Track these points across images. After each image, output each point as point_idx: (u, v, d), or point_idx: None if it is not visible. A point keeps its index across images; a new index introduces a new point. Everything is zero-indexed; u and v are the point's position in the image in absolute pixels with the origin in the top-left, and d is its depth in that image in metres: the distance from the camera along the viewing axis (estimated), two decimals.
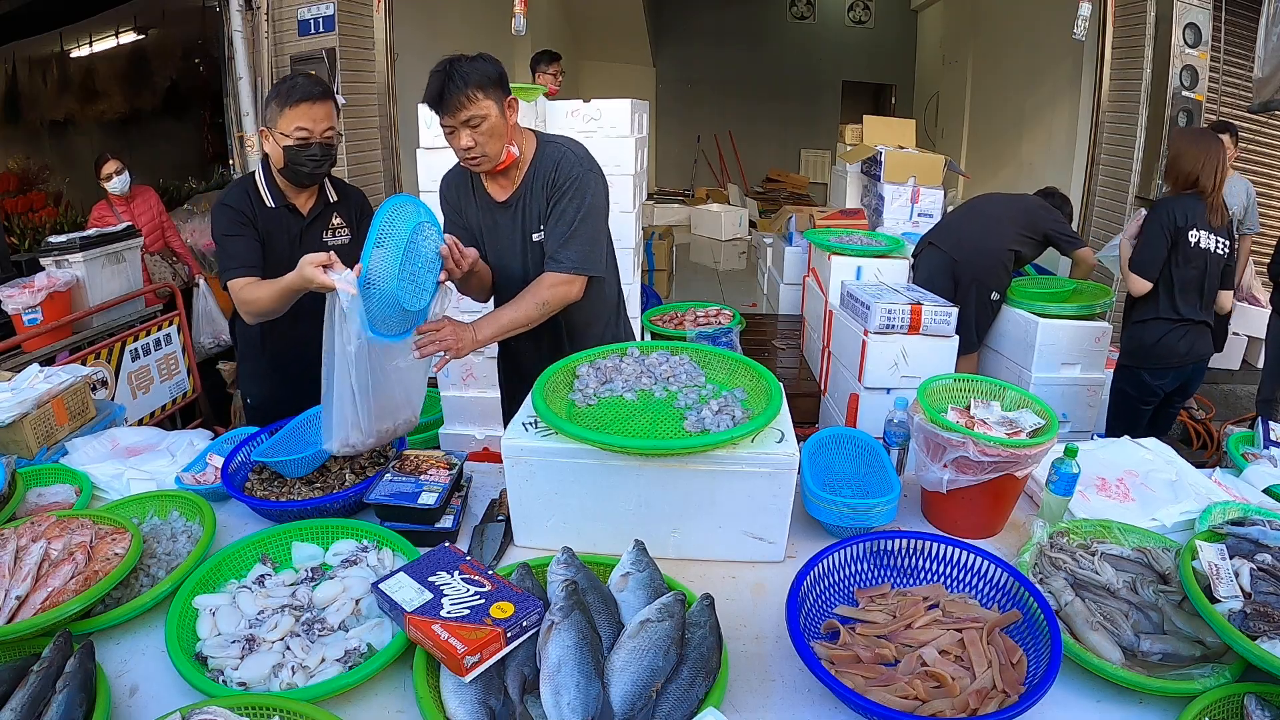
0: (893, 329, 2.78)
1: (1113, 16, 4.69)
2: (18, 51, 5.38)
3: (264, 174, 1.87)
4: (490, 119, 1.58)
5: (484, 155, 1.62)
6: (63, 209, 5.37)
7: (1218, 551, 1.18)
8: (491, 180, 1.75)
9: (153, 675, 1.12)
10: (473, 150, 1.60)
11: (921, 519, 1.54)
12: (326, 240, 1.92)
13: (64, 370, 1.97)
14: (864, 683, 1.03)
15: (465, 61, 1.57)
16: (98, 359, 3.16)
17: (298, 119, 1.74)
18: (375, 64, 4.70)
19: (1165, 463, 1.68)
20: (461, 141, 1.59)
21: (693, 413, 1.41)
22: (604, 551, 1.28)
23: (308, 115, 1.75)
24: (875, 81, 11.12)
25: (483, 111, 1.57)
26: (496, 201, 1.76)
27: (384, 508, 1.43)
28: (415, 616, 1.06)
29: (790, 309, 4.89)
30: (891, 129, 5.14)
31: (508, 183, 1.75)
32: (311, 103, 1.75)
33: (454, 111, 1.56)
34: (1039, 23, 6.30)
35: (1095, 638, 1.13)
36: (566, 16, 9.24)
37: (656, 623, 1.04)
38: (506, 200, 1.75)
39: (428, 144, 3.10)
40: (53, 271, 3.27)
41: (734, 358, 1.62)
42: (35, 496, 1.56)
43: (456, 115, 1.56)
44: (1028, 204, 3.38)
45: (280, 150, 1.78)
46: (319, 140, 1.78)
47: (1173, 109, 4.40)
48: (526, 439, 1.36)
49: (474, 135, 1.58)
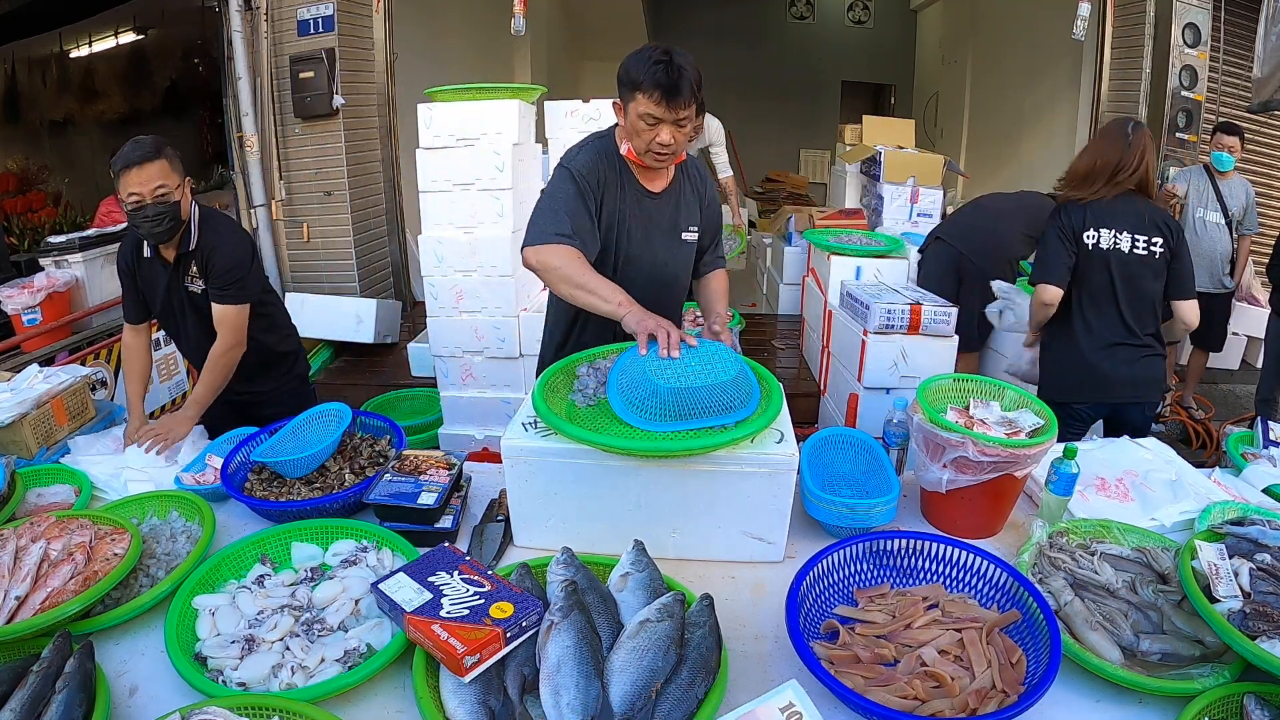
0: (892, 329, 2.78)
1: (1112, 16, 4.69)
2: (18, 51, 5.38)
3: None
4: (694, 123, 1.61)
5: (674, 154, 1.63)
6: (62, 209, 5.37)
7: (1217, 551, 1.18)
8: (644, 172, 1.73)
9: (152, 675, 1.12)
10: (670, 147, 1.60)
11: (921, 519, 1.54)
12: (187, 285, 2.02)
13: (63, 370, 1.97)
14: (863, 683, 1.04)
15: (688, 61, 1.53)
16: (97, 359, 3.16)
17: (129, 185, 1.81)
18: (375, 64, 4.70)
19: (1165, 463, 1.68)
20: (663, 136, 1.57)
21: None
22: (604, 551, 1.28)
23: (136, 180, 1.80)
24: (875, 81, 11.10)
25: (691, 114, 1.58)
26: (652, 192, 1.75)
27: (383, 508, 1.43)
28: (415, 616, 1.06)
29: (790, 309, 4.88)
30: (891, 129, 5.14)
31: (662, 177, 1.76)
32: (137, 167, 1.80)
33: (677, 108, 1.54)
34: (1038, 22, 6.30)
35: (1095, 638, 1.13)
36: (566, 16, 9.23)
37: (656, 623, 1.04)
38: (661, 192, 1.76)
39: (427, 144, 3.10)
40: (52, 272, 3.27)
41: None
42: (35, 497, 1.56)
43: (677, 111, 1.55)
44: (1036, 202, 3.37)
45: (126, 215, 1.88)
46: (151, 201, 1.82)
47: (1172, 109, 4.40)
48: (526, 439, 1.36)
49: (676, 134, 1.58)
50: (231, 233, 2.03)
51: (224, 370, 2.00)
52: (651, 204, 1.75)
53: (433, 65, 5.72)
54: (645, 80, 1.51)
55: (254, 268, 2.07)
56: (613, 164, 1.70)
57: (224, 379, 2.00)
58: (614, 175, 1.70)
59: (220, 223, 2.03)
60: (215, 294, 1.98)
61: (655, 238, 1.77)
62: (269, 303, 2.22)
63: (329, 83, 4.25)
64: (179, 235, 1.94)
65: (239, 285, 1.99)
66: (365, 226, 4.76)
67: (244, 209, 4.43)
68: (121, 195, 1.83)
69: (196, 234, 1.97)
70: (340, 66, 4.32)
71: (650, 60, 1.52)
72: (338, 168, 4.49)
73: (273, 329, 2.24)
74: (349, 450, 1.68)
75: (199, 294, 2.01)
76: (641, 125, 1.57)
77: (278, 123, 4.45)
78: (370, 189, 4.81)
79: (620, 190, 1.71)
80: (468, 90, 3.11)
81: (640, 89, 1.53)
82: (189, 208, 1.93)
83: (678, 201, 1.79)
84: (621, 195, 1.71)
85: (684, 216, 1.80)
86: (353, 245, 4.62)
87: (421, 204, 3.17)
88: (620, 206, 1.71)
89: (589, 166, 1.66)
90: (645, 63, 1.52)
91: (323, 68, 4.24)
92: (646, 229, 1.75)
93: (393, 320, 4.45)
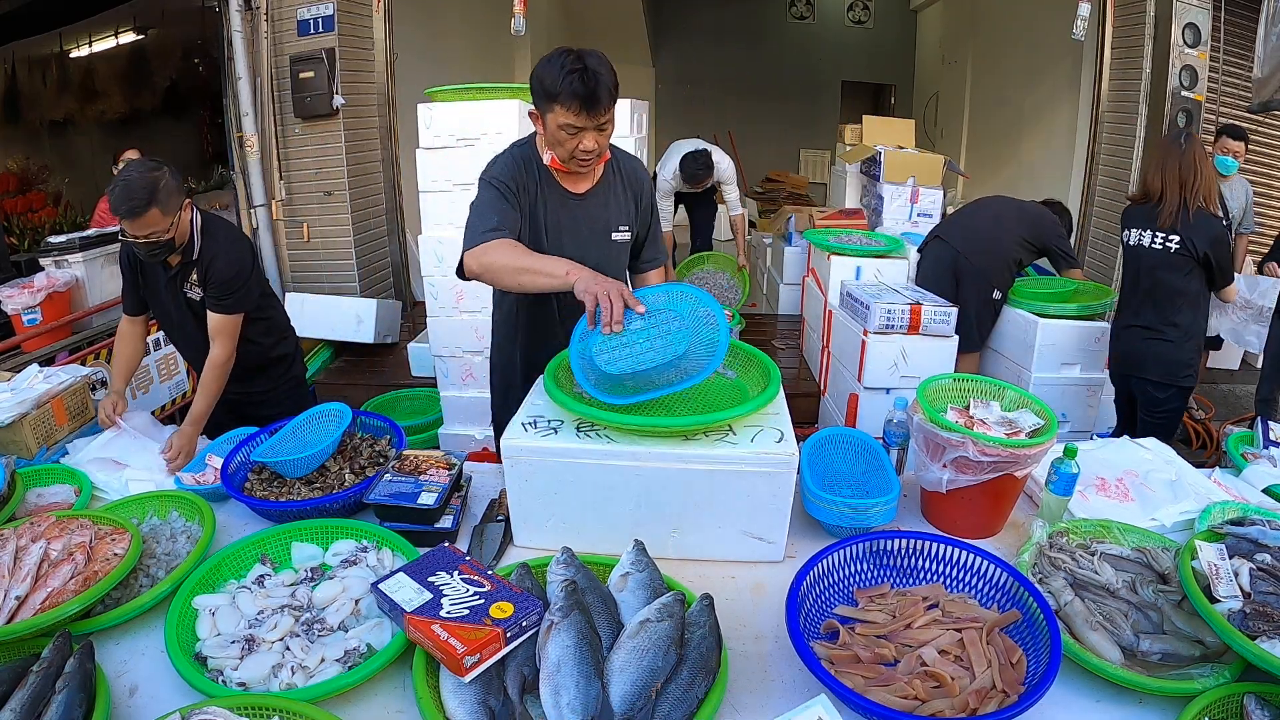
0: (892, 329, 2.78)
1: (1112, 16, 4.69)
2: (18, 51, 5.39)
3: None
4: (612, 125, 1.59)
5: (598, 157, 1.63)
6: (62, 209, 5.38)
7: (1217, 551, 1.18)
8: (567, 175, 1.72)
9: (152, 675, 1.12)
10: (593, 153, 1.59)
11: (921, 519, 1.54)
12: (186, 292, 2.05)
13: (63, 370, 1.97)
14: (864, 683, 1.04)
15: (603, 64, 1.51)
16: (97, 359, 3.16)
17: (123, 225, 1.88)
18: (375, 64, 4.70)
19: (1165, 463, 1.68)
20: (586, 144, 1.56)
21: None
22: (604, 551, 1.28)
23: (128, 226, 1.86)
24: (875, 81, 11.10)
25: (612, 117, 1.57)
26: (575, 194, 1.74)
27: (383, 508, 1.43)
28: (415, 616, 1.06)
29: (790, 309, 4.88)
30: (891, 129, 5.14)
31: (587, 177, 1.74)
32: (128, 220, 1.85)
33: (597, 115, 1.52)
34: (1038, 23, 6.29)
35: (1095, 638, 1.13)
36: (566, 16, 9.24)
37: (656, 623, 1.04)
38: (586, 193, 1.75)
39: (427, 144, 3.10)
40: (52, 272, 3.27)
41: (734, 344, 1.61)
42: (35, 497, 1.56)
43: (598, 118, 1.53)
44: (1036, 212, 3.39)
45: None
46: (143, 241, 1.88)
47: (1172, 109, 4.40)
48: (526, 439, 1.36)
49: (599, 139, 1.57)
50: (232, 242, 2.04)
51: (221, 381, 2.02)
52: (577, 205, 1.73)
53: (433, 65, 5.72)
54: (562, 91, 1.48)
55: (253, 275, 2.09)
56: (531, 170, 1.69)
57: (220, 389, 2.02)
58: (533, 181, 1.69)
59: (221, 230, 2.05)
60: (213, 303, 1.99)
61: (584, 240, 1.74)
62: (268, 306, 2.23)
63: (329, 83, 4.25)
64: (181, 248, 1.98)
65: (237, 295, 2.01)
66: (365, 226, 4.77)
67: (244, 209, 4.43)
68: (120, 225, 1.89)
69: (199, 242, 1.99)
70: (340, 66, 4.32)
71: (564, 70, 1.47)
72: (338, 168, 4.49)
73: (271, 331, 2.24)
74: (349, 450, 1.68)
75: (198, 300, 2.02)
76: (563, 135, 1.55)
77: (278, 123, 4.45)
78: (370, 189, 4.81)
79: (541, 196, 1.70)
80: (468, 90, 3.11)
81: (558, 100, 1.50)
82: (188, 228, 1.96)
83: (606, 200, 1.76)
84: (543, 201, 1.70)
85: (614, 215, 1.77)
86: (353, 245, 4.62)
87: (421, 204, 3.17)
88: (542, 212, 1.71)
89: (506, 174, 1.65)
90: (559, 72, 1.48)
91: (323, 68, 4.24)
92: (574, 232, 1.74)
93: (393, 320, 4.45)
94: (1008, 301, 3.29)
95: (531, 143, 1.73)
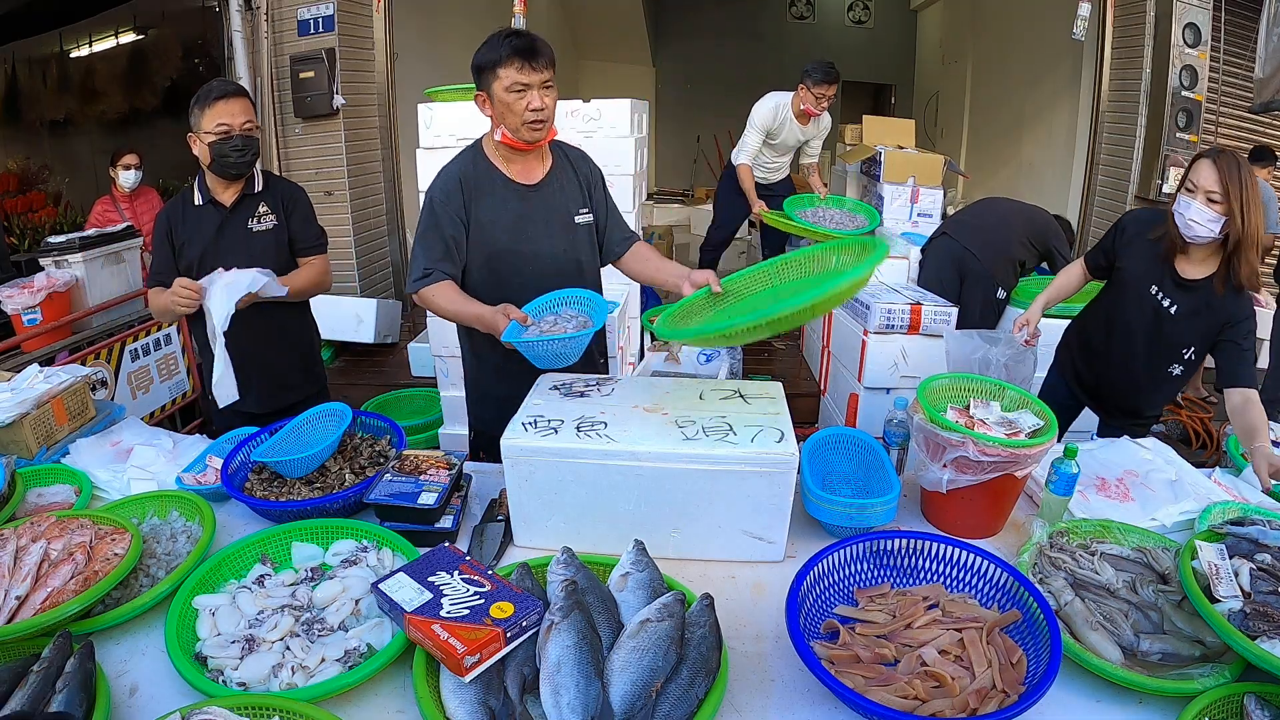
0: (892, 329, 2.79)
1: (1112, 16, 4.69)
2: (18, 51, 5.39)
3: (199, 176, 2.06)
4: (555, 90, 1.66)
5: (549, 120, 1.67)
6: (62, 209, 5.38)
7: (1217, 551, 1.18)
8: (520, 163, 1.76)
9: (153, 675, 1.12)
10: (544, 111, 1.63)
11: (921, 519, 1.54)
12: (252, 227, 2.05)
13: (64, 370, 1.97)
14: (864, 683, 1.03)
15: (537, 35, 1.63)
16: (97, 359, 3.16)
17: (217, 116, 1.91)
18: (375, 64, 4.70)
19: (1165, 463, 1.68)
20: (535, 101, 1.62)
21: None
22: (604, 551, 1.28)
23: (225, 111, 1.91)
24: (875, 81, 11.10)
25: (552, 75, 1.64)
26: (527, 185, 1.77)
27: (383, 508, 1.43)
28: (415, 616, 1.06)
29: None
30: (891, 129, 5.13)
31: (538, 167, 1.77)
32: (227, 100, 1.92)
33: (541, 68, 1.60)
34: (1039, 23, 6.29)
35: (1095, 637, 1.13)
36: (566, 16, 9.23)
37: (656, 623, 1.04)
38: (539, 182, 1.78)
39: (428, 144, 3.10)
40: (52, 272, 3.26)
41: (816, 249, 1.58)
42: (35, 497, 1.56)
43: (542, 73, 1.61)
44: (1043, 218, 3.40)
45: (207, 148, 1.94)
46: (239, 133, 1.93)
47: (1172, 109, 4.40)
48: (526, 439, 1.36)
49: (545, 97, 1.63)
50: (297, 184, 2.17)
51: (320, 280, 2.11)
52: (534, 195, 1.76)
53: (433, 65, 5.73)
54: (502, 54, 1.59)
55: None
56: (480, 171, 1.75)
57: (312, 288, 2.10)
58: (483, 180, 1.74)
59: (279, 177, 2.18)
60: (312, 244, 2.12)
61: (546, 228, 1.77)
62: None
63: (329, 83, 4.26)
64: (245, 178, 2.03)
65: (322, 232, 2.15)
66: (365, 226, 4.77)
67: None
68: (205, 127, 1.91)
69: (261, 179, 2.07)
70: (340, 66, 4.32)
71: (500, 37, 1.61)
72: (338, 168, 4.49)
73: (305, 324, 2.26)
74: (349, 450, 1.68)
75: (264, 232, 2.06)
76: (511, 97, 1.62)
77: (278, 123, 4.45)
78: (370, 189, 4.81)
79: (492, 193, 1.75)
80: (468, 90, 3.10)
81: (500, 64, 1.60)
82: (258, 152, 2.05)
83: (561, 186, 1.80)
84: (495, 198, 1.75)
85: (570, 200, 1.81)
86: (353, 245, 4.62)
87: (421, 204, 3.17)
88: (497, 208, 1.75)
89: (445, 191, 1.73)
90: (496, 40, 1.61)
91: (323, 68, 4.24)
92: (534, 222, 1.77)
93: (393, 320, 4.45)
94: (1010, 301, 3.30)
95: (479, 146, 1.77)
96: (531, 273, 1.77)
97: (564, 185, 1.80)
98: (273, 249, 2.06)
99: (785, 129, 4.20)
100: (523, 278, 1.76)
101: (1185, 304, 1.91)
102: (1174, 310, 1.91)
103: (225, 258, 2.00)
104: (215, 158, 1.95)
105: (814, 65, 4.06)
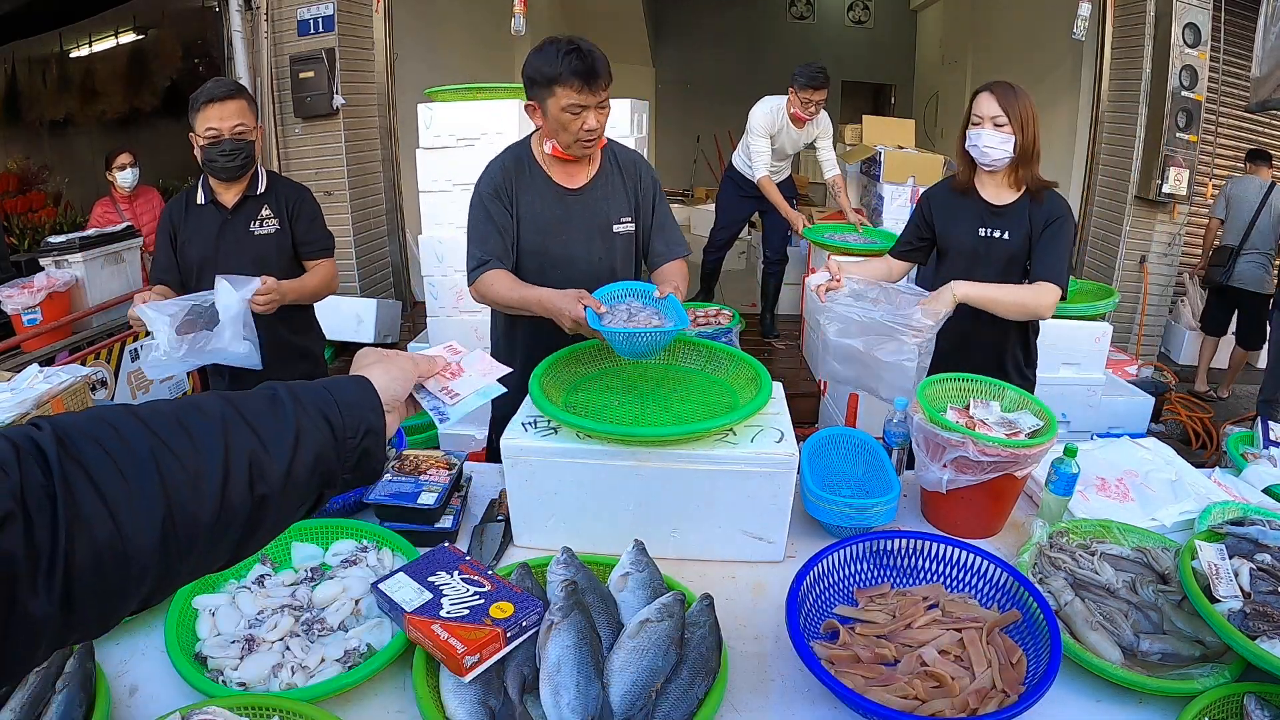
0: None
1: (1112, 16, 4.69)
2: (18, 51, 5.38)
3: (202, 175, 2.07)
4: (609, 104, 1.64)
5: (599, 137, 1.66)
6: (62, 209, 5.38)
7: (1217, 551, 1.18)
8: (566, 167, 1.74)
9: (153, 675, 1.12)
10: (596, 131, 1.62)
11: (921, 519, 1.54)
12: (253, 230, 2.05)
13: (64, 370, 1.97)
14: (864, 683, 1.03)
15: (593, 45, 1.59)
16: (97, 359, 3.16)
17: (207, 120, 1.91)
18: (375, 64, 4.70)
19: (1165, 463, 1.68)
20: (590, 122, 1.60)
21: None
22: (604, 551, 1.28)
23: (215, 115, 1.90)
24: (875, 81, 11.10)
25: (609, 95, 1.62)
26: (569, 189, 1.75)
27: (383, 508, 1.43)
28: (415, 616, 1.06)
29: (790, 309, 4.89)
30: (891, 129, 5.14)
31: (583, 172, 1.75)
32: (217, 103, 1.90)
33: (598, 90, 1.57)
34: (1039, 23, 6.30)
35: (1095, 637, 1.13)
36: (566, 16, 9.24)
37: (656, 623, 1.04)
38: (583, 187, 1.76)
39: (428, 144, 3.10)
40: (52, 272, 3.27)
41: (719, 349, 1.64)
42: None
43: (599, 94, 1.58)
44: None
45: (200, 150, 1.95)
46: (229, 136, 1.92)
47: (1172, 108, 4.40)
48: (526, 439, 1.36)
49: (600, 117, 1.61)
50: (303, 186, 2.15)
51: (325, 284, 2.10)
52: (574, 200, 1.74)
53: (433, 65, 5.73)
54: (562, 73, 1.55)
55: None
56: (523, 168, 1.73)
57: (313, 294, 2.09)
58: (527, 179, 1.73)
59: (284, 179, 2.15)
60: (317, 248, 2.12)
61: (584, 233, 1.75)
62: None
63: (329, 83, 4.26)
64: (247, 177, 2.02)
65: (328, 236, 2.14)
66: (365, 226, 4.77)
67: None
68: (198, 131, 1.92)
69: (265, 180, 2.05)
70: (340, 66, 4.32)
71: (560, 52, 1.55)
72: (338, 168, 4.49)
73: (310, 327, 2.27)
74: None
75: (265, 235, 2.05)
76: (567, 117, 1.59)
77: (278, 123, 4.45)
78: (370, 189, 4.81)
79: (535, 193, 1.73)
80: (468, 90, 3.12)
81: (558, 82, 1.56)
82: (257, 155, 2.02)
83: (605, 193, 1.77)
84: (534, 195, 1.73)
85: (614, 207, 1.78)
86: (353, 245, 4.62)
87: (421, 204, 3.17)
88: (539, 209, 1.73)
89: (492, 185, 1.71)
90: (556, 56, 1.55)
91: (323, 68, 4.25)
92: (573, 228, 1.75)
93: (393, 320, 4.45)
94: None
95: (526, 142, 1.74)
96: (560, 276, 1.73)
97: (608, 193, 1.77)
98: (273, 253, 2.05)
99: (782, 133, 4.18)
100: (550, 280, 1.72)
101: (1012, 225, 1.98)
102: (1006, 236, 1.98)
103: (225, 260, 2.01)
104: (204, 162, 1.97)
105: (802, 69, 3.95)
